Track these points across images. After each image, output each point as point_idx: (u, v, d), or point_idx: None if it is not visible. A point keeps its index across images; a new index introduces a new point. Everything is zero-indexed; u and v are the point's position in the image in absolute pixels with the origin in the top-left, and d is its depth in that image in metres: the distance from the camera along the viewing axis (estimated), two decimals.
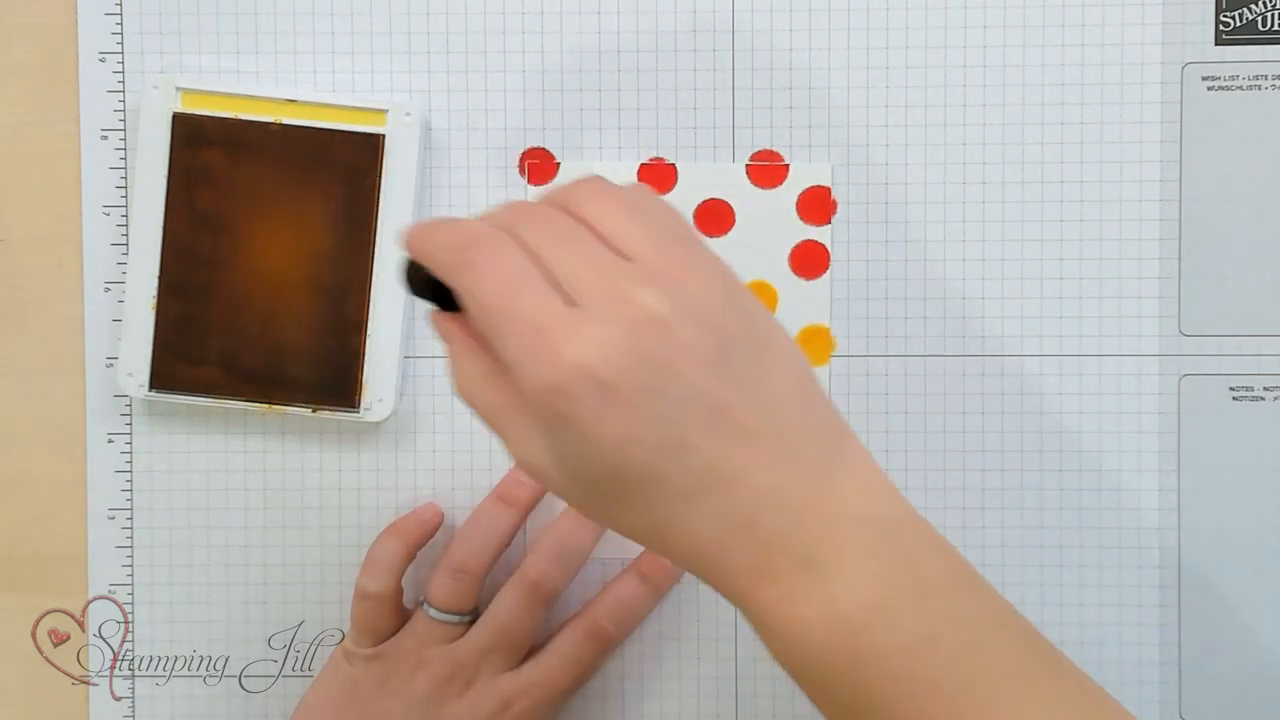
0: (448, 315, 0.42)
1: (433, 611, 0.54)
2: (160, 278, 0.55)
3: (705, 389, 0.39)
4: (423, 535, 0.56)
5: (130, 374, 0.56)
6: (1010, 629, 0.41)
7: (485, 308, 0.40)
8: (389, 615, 0.54)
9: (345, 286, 0.55)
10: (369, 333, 0.55)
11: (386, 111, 0.55)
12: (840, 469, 0.41)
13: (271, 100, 0.55)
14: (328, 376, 0.56)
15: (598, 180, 0.42)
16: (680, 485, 0.39)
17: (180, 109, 0.55)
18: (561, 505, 0.56)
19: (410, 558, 0.55)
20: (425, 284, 0.42)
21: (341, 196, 0.55)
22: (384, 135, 0.55)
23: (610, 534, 0.56)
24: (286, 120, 0.55)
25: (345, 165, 0.55)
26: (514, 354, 0.39)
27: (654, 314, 0.39)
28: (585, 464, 0.40)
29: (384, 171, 0.55)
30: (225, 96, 0.55)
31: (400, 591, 0.55)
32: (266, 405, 0.56)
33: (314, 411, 0.56)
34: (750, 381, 0.40)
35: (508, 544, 0.55)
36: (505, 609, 0.54)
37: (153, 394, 0.56)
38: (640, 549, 0.56)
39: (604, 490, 0.40)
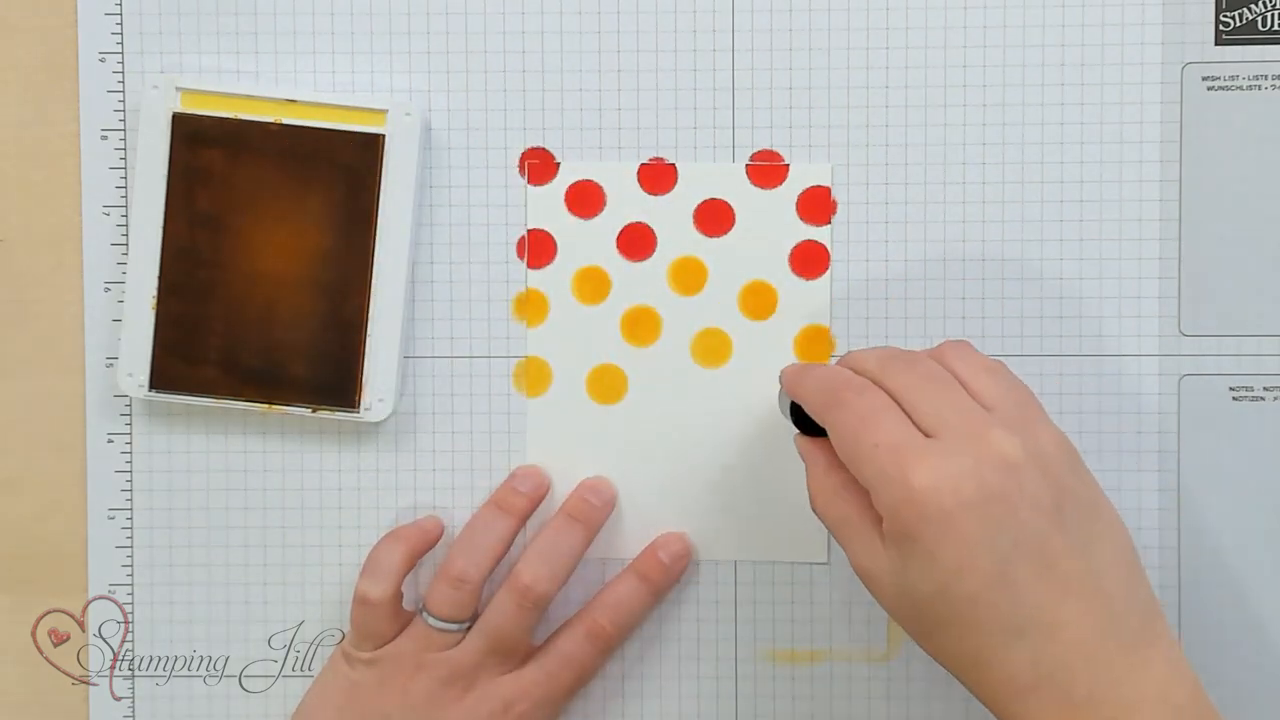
0: (810, 439, 0.48)
1: (431, 620, 0.54)
2: (160, 278, 0.55)
3: (1039, 534, 0.43)
4: (424, 543, 0.56)
5: (130, 374, 0.56)
6: None
7: (847, 436, 0.45)
8: (389, 620, 0.54)
9: (345, 286, 0.55)
10: (369, 333, 0.55)
11: (386, 111, 0.55)
12: (1153, 648, 0.43)
13: (271, 100, 0.55)
14: (328, 376, 0.56)
15: (965, 343, 0.48)
16: (1002, 620, 0.43)
17: (180, 109, 0.55)
18: (554, 509, 0.56)
19: (411, 564, 0.55)
20: (799, 415, 0.49)
21: (341, 196, 0.55)
22: (384, 135, 0.55)
23: (605, 534, 0.56)
24: (286, 120, 0.55)
25: (345, 165, 0.55)
26: (871, 475, 0.44)
27: (1005, 454, 0.43)
28: (919, 581, 0.43)
29: (384, 171, 0.55)
30: (225, 96, 0.55)
31: (400, 596, 0.54)
32: (266, 405, 0.56)
33: (314, 411, 0.56)
34: (1081, 540, 0.43)
35: (506, 551, 0.55)
36: (498, 614, 0.54)
37: (153, 394, 0.56)
38: (639, 550, 0.56)
39: (932, 610, 0.44)
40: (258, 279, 0.55)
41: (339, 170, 0.55)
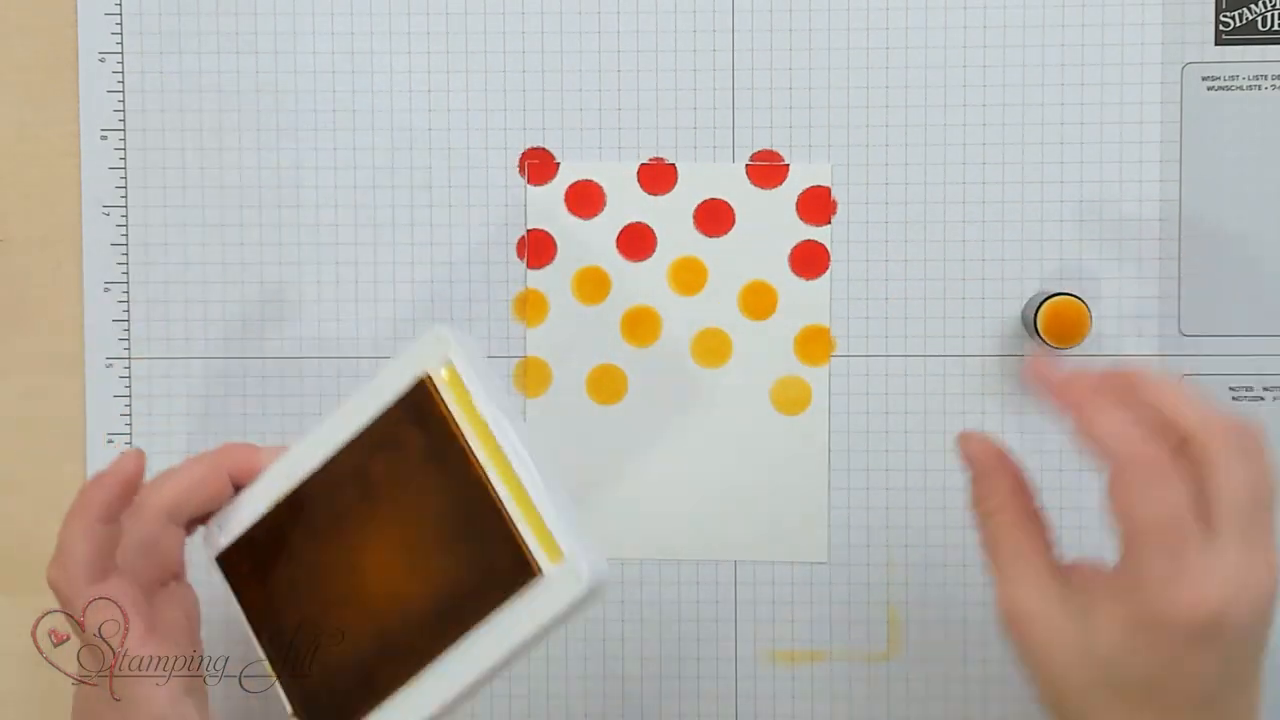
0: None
1: None
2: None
3: (1272, 640, 0.41)
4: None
5: None
6: None
7: (1137, 528, 0.41)
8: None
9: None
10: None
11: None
12: None
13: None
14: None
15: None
16: (1207, 708, 0.41)
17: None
18: None
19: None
20: None
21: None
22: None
23: (606, 534, 0.56)
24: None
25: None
26: (1153, 573, 0.40)
27: None
28: (1141, 669, 0.41)
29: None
30: None
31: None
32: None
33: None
34: None
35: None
36: None
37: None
38: (640, 549, 0.56)
39: (1128, 691, 0.41)
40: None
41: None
